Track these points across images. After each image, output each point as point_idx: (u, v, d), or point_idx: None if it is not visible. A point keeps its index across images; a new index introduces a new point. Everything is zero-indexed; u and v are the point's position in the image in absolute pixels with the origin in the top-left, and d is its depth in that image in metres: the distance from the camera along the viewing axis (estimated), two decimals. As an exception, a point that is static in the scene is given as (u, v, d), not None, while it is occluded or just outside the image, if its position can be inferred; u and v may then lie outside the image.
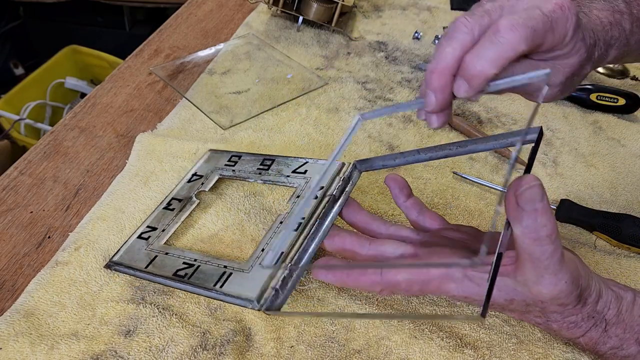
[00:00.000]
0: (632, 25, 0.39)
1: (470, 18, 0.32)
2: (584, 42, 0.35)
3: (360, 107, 0.64)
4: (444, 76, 0.32)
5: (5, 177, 0.53)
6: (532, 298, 0.32)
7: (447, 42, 0.32)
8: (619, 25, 0.39)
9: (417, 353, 0.39)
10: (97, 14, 1.72)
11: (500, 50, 0.31)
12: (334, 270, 0.35)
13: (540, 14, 0.32)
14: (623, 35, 0.39)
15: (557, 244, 0.30)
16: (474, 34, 0.32)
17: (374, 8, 0.86)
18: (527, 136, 0.34)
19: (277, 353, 0.38)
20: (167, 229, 0.46)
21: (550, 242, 0.29)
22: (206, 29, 0.80)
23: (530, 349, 0.39)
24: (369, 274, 0.35)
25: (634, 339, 0.34)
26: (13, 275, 0.44)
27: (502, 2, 0.33)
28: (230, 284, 0.38)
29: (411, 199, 0.42)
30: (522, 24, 0.31)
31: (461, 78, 0.32)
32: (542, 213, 0.29)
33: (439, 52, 0.33)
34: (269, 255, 0.37)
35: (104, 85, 0.66)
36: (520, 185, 0.29)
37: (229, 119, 0.61)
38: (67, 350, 0.38)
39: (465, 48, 0.32)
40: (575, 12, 0.33)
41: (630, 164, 0.58)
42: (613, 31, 0.38)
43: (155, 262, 0.42)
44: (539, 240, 0.29)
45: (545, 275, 0.30)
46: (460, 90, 0.32)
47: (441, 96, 0.33)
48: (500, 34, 0.31)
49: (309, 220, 0.40)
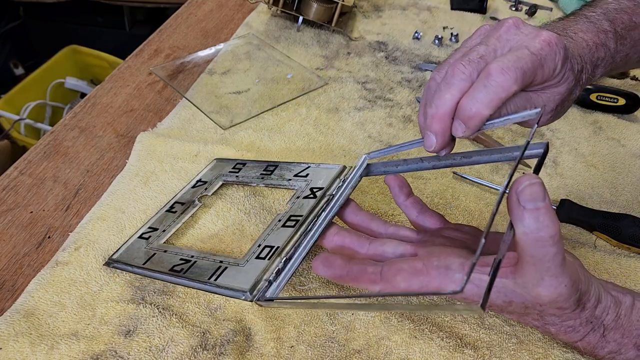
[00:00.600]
0: (616, 44, 0.41)
1: (468, 65, 0.34)
2: (572, 70, 0.36)
3: (360, 107, 0.64)
4: (443, 121, 0.35)
5: (5, 177, 0.53)
6: (530, 300, 0.32)
7: (447, 89, 0.34)
8: (604, 45, 0.40)
9: (417, 353, 0.39)
10: (97, 14, 1.72)
11: (493, 93, 0.33)
12: (333, 266, 0.35)
13: (529, 53, 0.33)
14: (608, 55, 0.41)
15: (559, 246, 0.29)
16: (472, 79, 0.34)
17: (374, 8, 0.86)
18: (534, 150, 0.34)
19: (277, 353, 0.38)
20: (167, 230, 0.46)
21: (553, 243, 0.29)
22: (206, 29, 0.80)
23: (530, 349, 0.39)
24: (368, 273, 0.35)
25: (632, 343, 0.34)
26: (13, 275, 0.44)
27: (494, 44, 0.35)
28: (224, 277, 0.38)
29: (411, 198, 0.42)
30: (512, 66, 0.33)
31: (459, 120, 0.34)
32: (544, 212, 0.29)
33: (438, 97, 0.35)
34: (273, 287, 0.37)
35: (104, 85, 0.66)
36: (521, 183, 0.29)
37: (229, 119, 0.61)
38: (67, 350, 0.38)
39: (463, 94, 0.34)
40: (563, 45, 0.35)
41: (630, 164, 0.58)
42: (599, 52, 0.40)
43: (153, 259, 0.42)
44: (541, 242, 0.29)
45: (545, 277, 0.30)
46: (458, 131, 0.35)
47: (441, 138, 0.36)
48: (492, 77, 0.33)
49: (307, 218, 0.40)
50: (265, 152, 0.57)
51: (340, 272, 0.35)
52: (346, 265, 0.35)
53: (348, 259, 0.36)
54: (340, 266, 0.35)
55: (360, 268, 0.35)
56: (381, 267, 0.35)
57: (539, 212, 0.29)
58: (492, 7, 0.87)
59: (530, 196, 0.29)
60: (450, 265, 0.34)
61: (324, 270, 0.35)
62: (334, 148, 0.58)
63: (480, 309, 0.26)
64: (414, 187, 0.53)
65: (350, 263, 0.36)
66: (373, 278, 0.35)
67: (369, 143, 0.59)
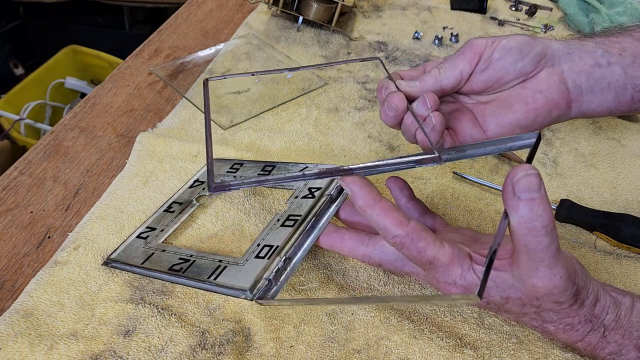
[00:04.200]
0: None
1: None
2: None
3: (361, 107, 0.64)
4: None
5: (5, 177, 0.53)
6: (527, 295, 0.32)
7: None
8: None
9: (417, 353, 0.39)
10: (97, 14, 1.72)
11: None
12: (328, 233, 0.38)
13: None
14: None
15: (552, 237, 0.29)
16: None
17: (374, 8, 0.86)
18: (526, 140, 0.34)
19: (277, 353, 0.38)
20: (165, 229, 0.46)
21: (546, 233, 0.29)
22: (206, 29, 0.79)
23: (530, 349, 0.39)
24: (361, 235, 0.38)
25: (632, 344, 0.34)
26: (13, 275, 0.44)
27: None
28: (224, 276, 0.38)
29: (412, 200, 0.42)
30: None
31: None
32: (538, 203, 0.28)
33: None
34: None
35: (104, 85, 0.66)
36: (517, 173, 0.29)
37: (229, 119, 0.61)
38: (66, 351, 0.38)
39: None
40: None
41: (630, 164, 0.58)
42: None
43: (152, 259, 0.42)
44: (535, 231, 0.29)
45: (540, 267, 0.30)
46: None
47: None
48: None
49: (306, 217, 0.40)
50: (265, 152, 0.56)
51: (334, 240, 0.39)
52: (341, 232, 0.39)
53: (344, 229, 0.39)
54: (336, 232, 0.39)
55: (353, 236, 0.38)
56: (375, 239, 0.38)
57: (534, 203, 0.28)
58: (492, 7, 0.87)
59: (525, 187, 0.28)
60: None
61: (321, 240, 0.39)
62: (334, 148, 0.58)
63: (476, 298, 0.26)
64: (414, 188, 0.53)
65: (345, 230, 0.39)
66: (364, 253, 0.39)
67: (369, 143, 0.59)
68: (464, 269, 0.34)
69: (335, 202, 0.42)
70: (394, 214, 0.33)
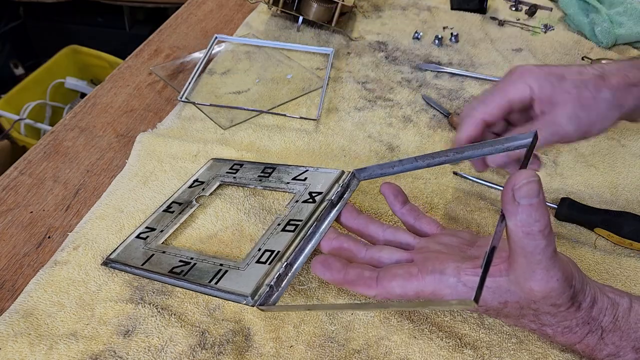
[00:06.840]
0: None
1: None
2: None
3: (360, 107, 0.64)
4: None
5: (5, 177, 0.53)
6: (524, 298, 0.32)
7: None
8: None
9: (417, 353, 0.39)
10: (97, 14, 1.72)
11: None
12: (332, 268, 0.35)
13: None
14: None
15: (549, 240, 0.30)
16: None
17: (374, 8, 0.86)
18: (523, 141, 0.35)
19: (277, 353, 0.38)
20: (165, 230, 0.46)
21: (543, 237, 0.29)
22: (206, 29, 0.79)
23: (530, 348, 0.39)
24: (365, 278, 0.35)
25: (630, 346, 0.34)
26: (13, 275, 0.44)
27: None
28: (225, 281, 0.38)
29: (407, 205, 0.42)
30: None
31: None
32: (537, 208, 0.29)
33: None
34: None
35: (104, 85, 0.66)
36: (519, 180, 0.29)
37: (229, 119, 0.61)
38: (66, 351, 0.38)
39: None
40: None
41: (630, 164, 0.58)
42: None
43: (152, 260, 0.42)
44: (532, 235, 0.29)
45: (537, 270, 0.30)
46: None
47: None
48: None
49: (307, 223, 0.40)
50: (265, 152, 0.56)
51: (337, 276, 0.35)
52: (344, 268, 0.36)
53: (346, 262, 0.36)
54: (338, 269, 0.36)
55: (357, 272, 0.36)
56: (377, 272, 0.36)
57: (532, 208, 0.29)
58: (492, 7, 0.87)
59: (526, 194, 0.29)
60: (445, 270, 0.34)
61: (322, 272, 0.36)
62: (334, 148, 0.58)
63: (473, 303, 0.26)
64: (414, 187, 0.53)
65: (347, 267, 0.36)
66: (369, 283, 0.35)
67: (369, 143, 0.59)
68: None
69: (336, 206, 0.42)
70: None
